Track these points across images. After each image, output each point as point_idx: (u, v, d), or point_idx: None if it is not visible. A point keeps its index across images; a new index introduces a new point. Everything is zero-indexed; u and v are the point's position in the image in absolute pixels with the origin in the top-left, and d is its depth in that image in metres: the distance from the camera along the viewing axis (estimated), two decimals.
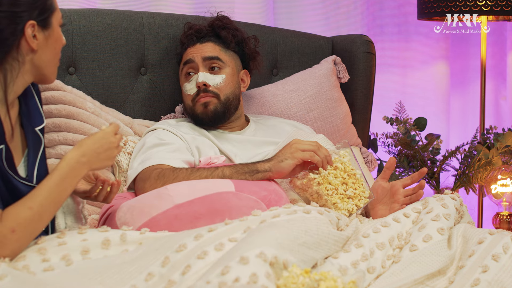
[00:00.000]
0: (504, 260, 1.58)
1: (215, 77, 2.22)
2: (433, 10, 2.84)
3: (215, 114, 2.21)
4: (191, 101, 2.22)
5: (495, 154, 2.72)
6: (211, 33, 2.29)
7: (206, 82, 2.20)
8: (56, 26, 1.62)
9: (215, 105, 2.20)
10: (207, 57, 2.23)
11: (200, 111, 2.21)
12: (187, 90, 2.24)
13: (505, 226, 2.72)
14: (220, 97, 2.21)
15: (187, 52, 2.27)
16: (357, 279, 1.37)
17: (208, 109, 2.20)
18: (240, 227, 1.53)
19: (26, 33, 1.55)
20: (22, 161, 1.64)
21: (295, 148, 1.91)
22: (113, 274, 1.41)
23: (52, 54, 1.62)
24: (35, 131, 1.68)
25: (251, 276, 1.27)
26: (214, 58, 2.23)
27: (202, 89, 2.20)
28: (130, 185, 2.06)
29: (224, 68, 2.24)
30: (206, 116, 2.21)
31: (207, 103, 2.20)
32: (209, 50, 2.25)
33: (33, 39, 1.57)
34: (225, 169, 1.93)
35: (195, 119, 2.24)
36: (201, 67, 2.23)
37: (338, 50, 2.72)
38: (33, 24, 1.56)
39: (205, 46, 2.26)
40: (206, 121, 2.22)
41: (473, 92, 3.38)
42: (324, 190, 1.88)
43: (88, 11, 2.34)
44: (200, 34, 2.28)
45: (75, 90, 2.23)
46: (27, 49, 1.58)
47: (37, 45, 1.58)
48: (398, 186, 1.99)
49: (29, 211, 1.49)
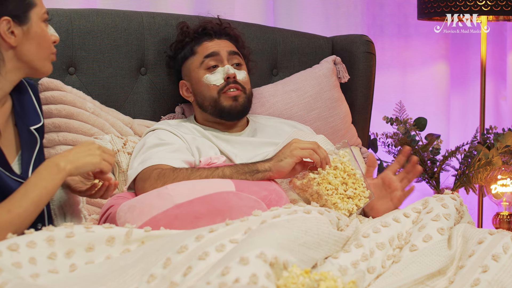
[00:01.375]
0: (504, 260, 1.58)
1: (240, 72, 2.25)
2: (433, 10, 2.84)
3: (243, 107, 2.23)
4: (217, 92, 2.22)
5: (495, 154, 2.72)
6: (223, 31, 2.31)
7: (236, 75, 2.22)
8: (36, 21, 1.61)
9: (243, 99, 2.23)
10: (232, 51, 2.26)
11: (228, 104, 2.21)
12: (211, 81, 2.23)
13: (505, 226, 2.72)
14: (246, 91, 2.25)
15: (207, 45, 2.27)
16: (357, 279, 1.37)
17: (238, 102, 2.22)
18: (241, 228, 1.53)
19: (1, 29, 1.56)
20: (16, 159, 1.64)
21: (294, 147, 1.92)
22: (115, 277, 1.41)
23: (36, 49, 1.62)
24: (30, 130, 1.68)
25: (251, 276, 1.27)
26: (237, 53, 2.27)
27: (232, 81, 2.21)
28: (130, 185, 2.06)
29: (243, 65, 2.29)
30: (235, 109, 2.22)
31: (237, 97, 2.21)
32: (231, 46, 2.28)
33: (10, 35, 1.57)
34: (225, 169, 1.93)
35: (219, 112, 2.23)
36: (226, 61, 2.24)
37: (338, 50, 2.72)
38: (7, 20, 1.56)
39: (223, 42, 2.28)
40: (233, 113, 2.23)
41: (473, 92, 3.38)
42: (324, 190, 1.88)
43: (88, 11, 2.34)
44: (214, 30, 2.29)
45: (75, 90, 2.23)
46: (5, 46, 1.58)
47: (15, 41, 1.58)
48: (389, 175, 2.02)
49: (7, 214, 1.50)
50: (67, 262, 1.46)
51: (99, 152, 1.63)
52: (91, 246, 1.49)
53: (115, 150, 2.19)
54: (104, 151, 1.65)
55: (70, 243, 1.47)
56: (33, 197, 1.53)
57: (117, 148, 2.19)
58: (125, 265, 1.45)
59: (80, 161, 1.60)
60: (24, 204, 1.52)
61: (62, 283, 1.40)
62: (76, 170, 1.60)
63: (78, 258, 1.47)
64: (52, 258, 1.44)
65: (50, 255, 1.44)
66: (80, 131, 2.18)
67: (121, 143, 2.20)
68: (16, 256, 1.40)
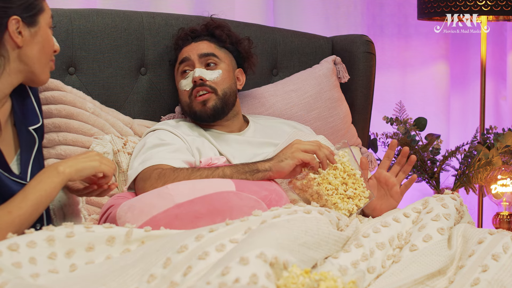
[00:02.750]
0: (504, 259, 1.58)
1: (211, 72, 2.23)
2: (433, 10, 2.84)
3: (214, 110, 2.21)
4: (188, 97, 2.23)
5: (495, 154, 2.72)
6: (205, 32, 2.31)
7: (203, 77, 2.21)
8: (44, 26, 1.64)
9: (214, 101, 2.21)
10: (203, 54, 2.25)
11: (198, 109, 2.21)
12: (182, 86, 2.25)
13: (505, 226, 2.72)
14: (217, 91, 2.22)
15: (183, 51, 2.29)
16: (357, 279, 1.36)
17: (207, 107, 2.20)
18: (241, 228, 1.53)
19: (10, 28, 1.58)
20: (14, 159, 1.65)
21: (295, 148, 1.92)
22: (115, 277, 1.42)
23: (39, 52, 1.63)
24: (29, 130, 1.69)
25: (251, 276, 1.27)
26: (210, 54, 2.25)
27: (199, 83, 2.21)
28: (131, 185, 2.06)
29: (220, 64, 2.26)
30: (205, 113, 2.21)
31: (206, 101, 2.20)
32: (205, 48, 2.26)
33: (17, 35, 1.59)
34: (225, 169, 1.94)
35: (194, 116, 2.24)
36: (197, 64, 2.24)
37: (338, 50, 2.72)
38: (17, 19, 1.59)
39: (200, 44, 2.28)
40: (205, 117, 2.22)
41: (473, 92, 3.38)
42: (324, 190, 1.88)
43: (88, 11, 2.34)
44: (195, 33, 2.31)
45: (75, 90, 2.23)
46: (12, 45, 1.59)
47: (22, 41, 1.60)
48: (383, 173, 2.04)
49: (8, 215, 1.52)
50: (67, 262, 1.46)
51: (98, 158, 1.67)
52: (91, 246, 1.49)
53: (115, 150, 2.19)
54: (103, 158, 1.68)
55: (71, 243, 1.47)
56: (33, 200, 1.55)
57: (117, 148, 2.19)
58: (125, 265, 1.45)
59: (80, 164, 1.63)
60: (24, 206, 1.54)
61: (62, 283, 1.40)
62: (76, 173, 1.62)
63: (78, 258, 1.47)
64: (52, 258, 1.44)
65: (50, 255, 1.44)
66: (80, 131, 2.18)
67: (121, 143, 2.20)
68: (16, 256, 1.40)
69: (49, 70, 1.68)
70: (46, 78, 1.68)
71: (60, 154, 2.14)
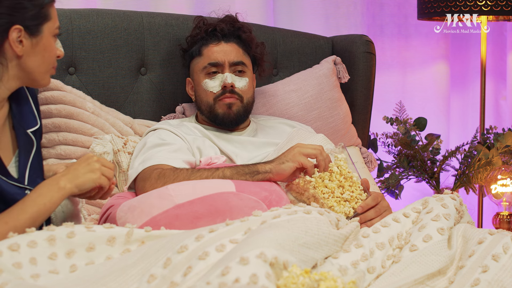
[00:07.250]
0: (504, 260, 1.58)
1: (240, 79, 2.24)
2: (433, 10, 2.84)
3: (237, 116, 2.23)
4: (213, 99, 2.23)
5: (495, 154, 2.72)
6: (234, 34, 2.30)
7: (234, 84, 2.22)
8: (47, 35, 1.61)
9: (238, 108, 2.23)
10: (233, 63, 2.24)
11: (222, 111, 2.22)
12: (209, 87, 2.24)
13: (505, 226, 2.72)
14: (243, 100, 2.24)
15: (212, 50, 2.26)
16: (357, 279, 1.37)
17: (231, 111, 2.22)
18: (241, 228, 1.53)
19: (11, 37, 1.55)
20: (12, 162, 1.64)
21: (297, 151, 1.91)
22: (116, 278, 1.42)
23: (39, 62, 1.61)
24: (27, 133, 1.68)
25: (251, 276, 1.27)
26: (240, 63, 2.26)
27: (229, 90, 2.21)
28: (131, 184, 2.06)
29: (247, 71, 2.28)
30: (228, 117, 2.22)
31: (231, 104, 2.21)
32: (234, 53, 2.26)
33: (17, 44, 1.55)
34: (225, 170, 1.93)
35: (213, 118, 2.24)
36: (227, 69, 2.24)
37: (338, 50, 2.72)
38: (19, 28, 1.55)
39: (229, 47, 2.26)
40: (226, 121, 2.23)
41: (473, 92, 3.38)
42: (320, 193, 1.87)
43: (88, 11, 2.34)
44: (224, 32, 2.28)
45: (75, 90, 2.23)
46: (12, 54, 1.57)
47: (22, 51, 1.57)
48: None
49: (5, 225, 1.51)
50: (67, 262, 1.46)
51: (98, 166, 1.64)
52: (91, 246, 1.49)
53: (116, 149, 2.19)
54: (103, 164, 1.66)
55: (71, 243, 1.47)
56: (32, 213, 1.54)
57: (117, 147, 2.19)
58: (125, 265, 1.45)
59: (80, 179, 1.61)
60: (22, 218, 1.53)
61: (62, 284, 1.40)
62: (76, 188, 1.61)
63: (78, 258, 1.48)
64: (52, 258, 1.44)
65: (51, 255, 1.44)
66: (80, 131, 2.18)
67: (121, 143, 2.20)
68: (16, 256, 1.40)
69: (49, 75, 1.66)
70: (47, 83, 1.66)
71: (60, 154, 2.14)
